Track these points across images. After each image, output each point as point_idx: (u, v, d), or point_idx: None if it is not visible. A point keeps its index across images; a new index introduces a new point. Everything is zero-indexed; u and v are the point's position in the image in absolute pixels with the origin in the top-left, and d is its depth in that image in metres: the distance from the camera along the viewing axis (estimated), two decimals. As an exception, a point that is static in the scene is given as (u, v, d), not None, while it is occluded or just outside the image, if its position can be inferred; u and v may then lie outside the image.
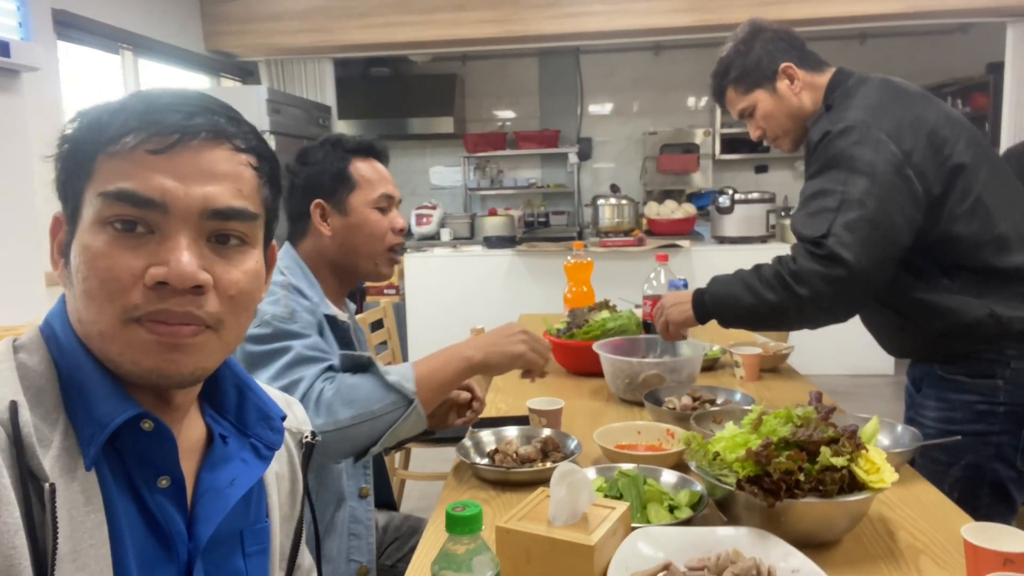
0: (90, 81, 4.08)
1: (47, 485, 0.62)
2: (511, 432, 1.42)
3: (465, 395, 1.42)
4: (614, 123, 6.91)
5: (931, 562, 1.00)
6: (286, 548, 0.87)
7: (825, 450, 1.01)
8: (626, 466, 1.20)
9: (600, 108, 6.91)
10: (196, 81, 5.25)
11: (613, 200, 4.59)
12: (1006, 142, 5.39)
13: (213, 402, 0.81)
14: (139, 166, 0.67)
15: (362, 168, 1.45)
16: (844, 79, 1.61)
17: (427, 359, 1.30)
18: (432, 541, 1.10)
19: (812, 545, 1.01)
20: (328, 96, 5.65)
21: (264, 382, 1.11)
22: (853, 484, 1.02)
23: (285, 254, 1.44)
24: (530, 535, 0.94)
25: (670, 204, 5.32)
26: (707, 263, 4.52)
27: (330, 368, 1.25)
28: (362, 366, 1.26)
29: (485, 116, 6.95)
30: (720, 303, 1.60)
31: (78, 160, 0.69)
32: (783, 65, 1.65)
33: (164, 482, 0.71)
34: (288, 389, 1.17)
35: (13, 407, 0.63)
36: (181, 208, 0.67)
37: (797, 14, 4.94)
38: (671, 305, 1.69)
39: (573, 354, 1.91)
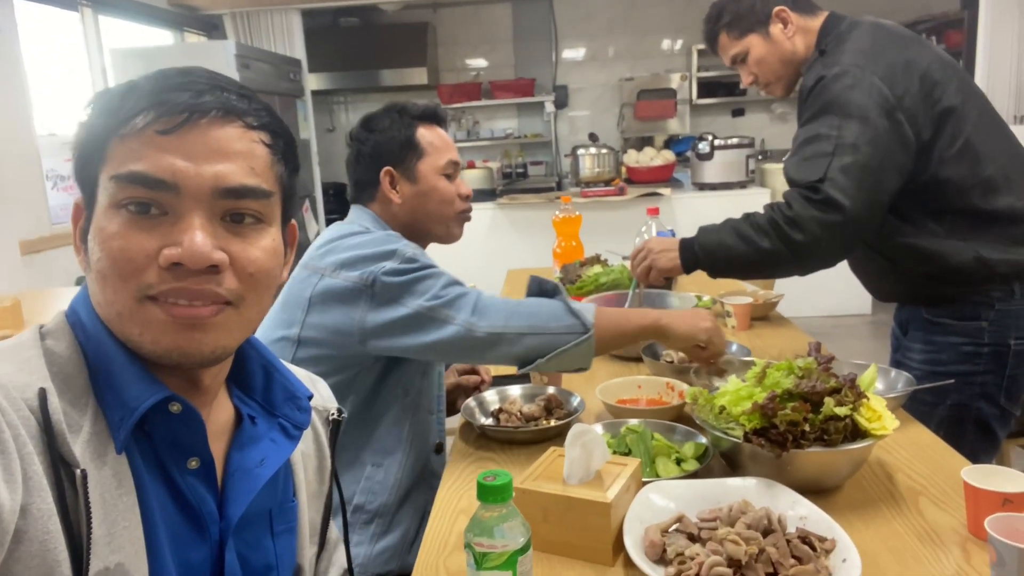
0: (50, 40, 3.93)
1: (78, 471, 0.62)
2: (514, 391, 1.43)
3: (475, 379, 1.44)
4: (590, 69, 6.82)
5: (930, 503, 1.04)
6: (316, 523, 0.88)
7: (828, 400, 1.04)
8: (632, 421, 1.23)
9: (575, 54, 6.80)
10: (159, 37, 5.08)
11: (593, 149, 4.56)
12: (980, 79, 5.42)
13: (240, 383, 0.82)
14: (150, 147, 0.66)
15: (428, 135, 1.46)
16: (837, 23, 1.60)
17: (610, 308, 1.34)
18: (445, 502, 1.12)
19: (816, 491, 1.05)
20: (297, 49, 5.50)
21: (423, 302, 1.24)
22: (856, 432, 1.05)
23: (363, 213, 1.46)
24: (547, 495, 0.96)
25: (649, 151, 5.31)
26: (690, 210, 4.54)
27: None
28: (548, 292, 1.32)
29: (459, 66, 6.82)
30: (711, 252, 1.58)
31: (92, 145, 0.69)
32: (776, 8, 1.63)
33: (194, 463, 0.71)
34: (453, 303, 1.25)
35: (42, 394, 0.63)
36: (193, 188, 0.67)
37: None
38: (658, 251, 1.65)
39: (567, 310, 1.92)
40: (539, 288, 1.33)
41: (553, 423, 1.32)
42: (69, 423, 0.64)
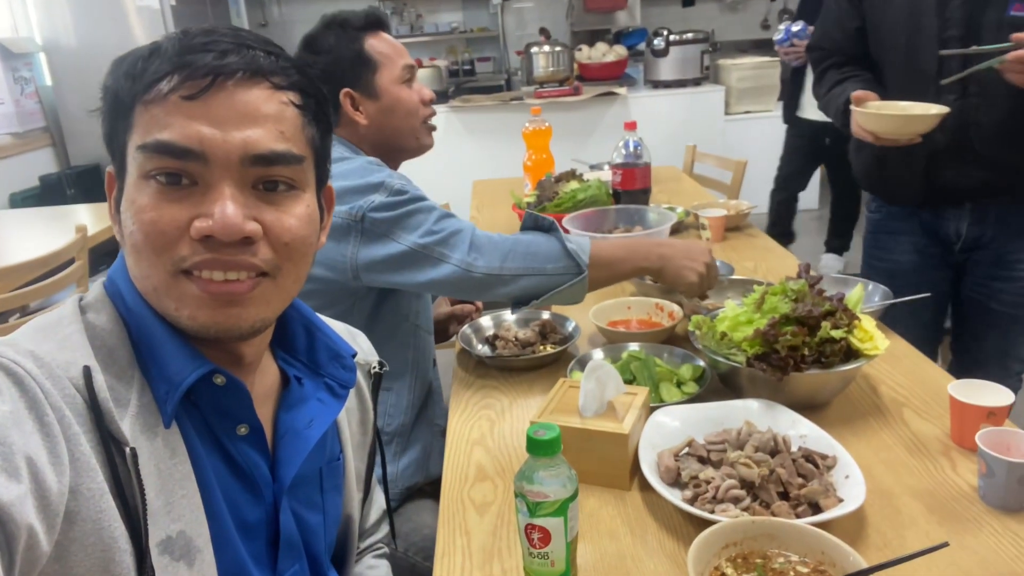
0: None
1: (128, 449, 0.61)
2: (509, 317, 1.45)
3: (468, 307, 1.43)
4: (536, -43, 6.51)
5: (914, 414, 1.12)
6: (361, 472, 0.91)
7: (825, 324, 1.08)
8: (632, 346, 1.26)
9: (521, -59, 6.48)
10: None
11: (547, 47, 4.42)
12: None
13: (284, 345, 0.81)
14: (175, 114, 0.63)
15: (377, 45, 1.39)
16: None
17: (614, 244, 1.31)
18: (457, 434, 1.15)
19: (810, 408, 1.11)
20: (223, -62, 5.08)
21: (416, 239, 1.21)
22: (848, 352, 1.10)
23: (339, 143, 1.38)
24: (566, 428, 0.98)
25: (601, 47, 5.18)
26: (645, 110, 4.49)
27: None
28: (544, 228, 1.30)
29: (399, -46, 6.43)
30: None
31: (118, 112, 0.66)
32: None
33: (243, 430, 0.71)
34: (448, 240, 1.23)
35: (87, 372, 0.62)
36: (221, 156, 0.64)
37: None
38: None
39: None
40: (535, 223, 1.32)
41: (549, 348, 1.35)
42: (116, 398, 0.63)
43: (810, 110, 3.43)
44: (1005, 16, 1.42)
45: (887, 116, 1.46)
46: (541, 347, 1.36)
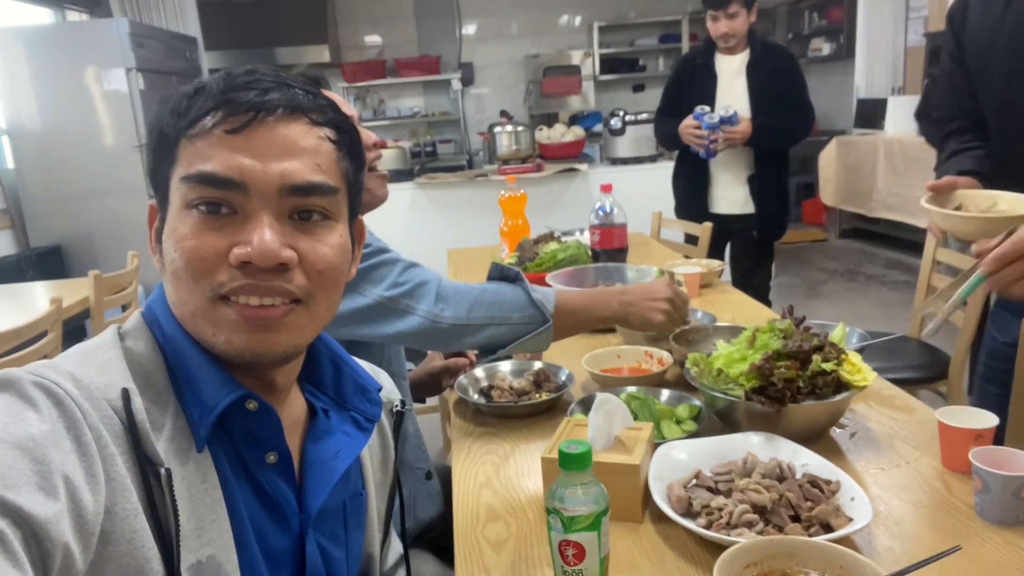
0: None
1: (163, 470, 0.62)
2: (503, 367, 1.47)
3: (463, 360, 1.44)
4: (494, 47, 6.83)
5: (904, 443, 1.16)
6: (382, 510, 0.91)
7: (816, 357, 1.13)
8: (630, 389, 1.29)
9: (480, 31, 6.79)
10: (37, 15, 4.71)
11: (509, 127, 4.59)
12: (860, 53, 5.82)
13: (311, 378, 0.82)
14: (218, 147, 0.66)
15: None
16: None
17: (578, 294, 1.33)
18: (464, 478, 1.15)
19: (805, 440, 1.14)
20: (191, 26, 5.24)
21: (382, 291, 1.21)
22: (839, 384, 1.15)
23: None
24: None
25: (559, 128, 5.39)
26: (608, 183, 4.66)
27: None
28: (509, 278, 1.31)
29: (361, 43, 6.68)
30: None
31: (163, 147, 0.69)
32: None
33: (272, 458, 0.72)
34: (414, 292, 1.24)
35: (125, 394, 0.63)
36: (260, 186, 0.67)
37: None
38: None
39: (529, 287, 1.97)
40: (500, 274, 1.34)
41: (545, 396, 1.37)
42: (152, 421, 0.64)
43: (723, 204, 3.09)
44: None
45: (957, 217, 1.20)
46: (537, 395, 1.37)
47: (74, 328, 2.43)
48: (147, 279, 3.00)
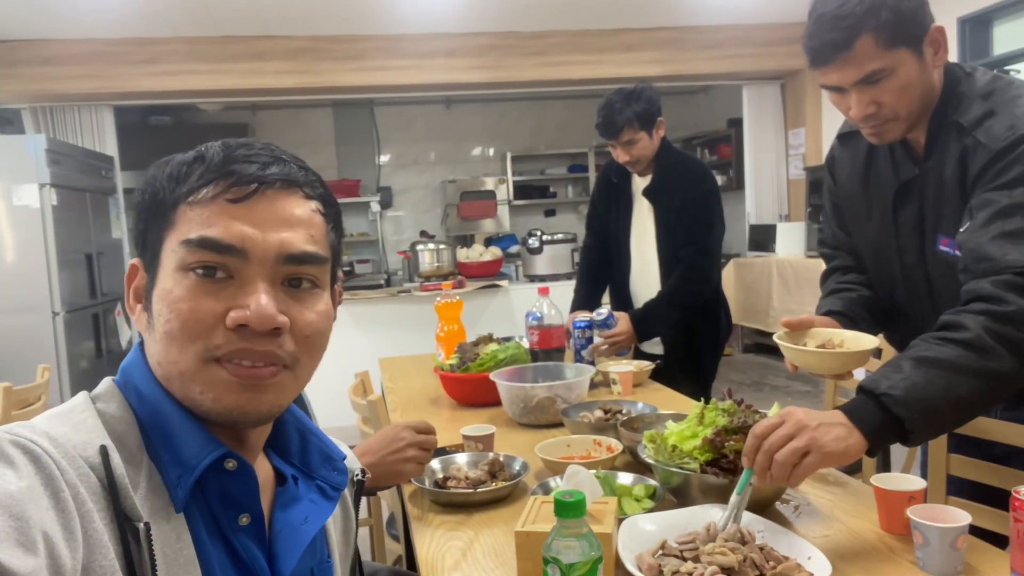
0: None
1: (142, 524, 0.63)
2: (459, 459, 1.48)
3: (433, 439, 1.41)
4: (412, 172, 7.11)
5: (844, 512, 1.24)
6: None
7: (760, 431, 1.22)
8: (588, 472, 1.33)
9: (398, 158, 7.07)
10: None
11: (432, 245, 4.74)
12: (749, 185, 6.38)
13: (277, 447, 0.83)
14: (220, 215, 0.70)
15: None
16: (958, 69, 1.32)
17: None
18: (432, 564, 1.14)
19: (755, 512, 1.20)
20: (109, 146, 5.24)
21: None
22: (782, 457, 1.23)
23: None
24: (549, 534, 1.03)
25: (478, 247, 5.58)
26: (527, 299, 4.81)
27: None
28: None
29: (280, 166, 6.81)
30: (928, 407, 1.10)
31: (158, 211, 0.72)
32: (936, 26, 1.25)
33: (245, 519, 0.73)
34: None
35: (104, 451, 0.64)
36: (259, 253, 0.70)
37: (578, 74, 5.49)
38: (815, 427, 1.08)
39: (472, 386, 2.01)
40: None
41: (499, 484, 1.39)
42: (128, 479, 0.65)
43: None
44: (936, 250, 1.34)
45: (798, 351, 1.32)
46: (493, 484, 1.39)
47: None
48: (53, 400, 2.86)
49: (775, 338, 1.39)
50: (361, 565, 0.95)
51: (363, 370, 2.20)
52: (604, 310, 2.35)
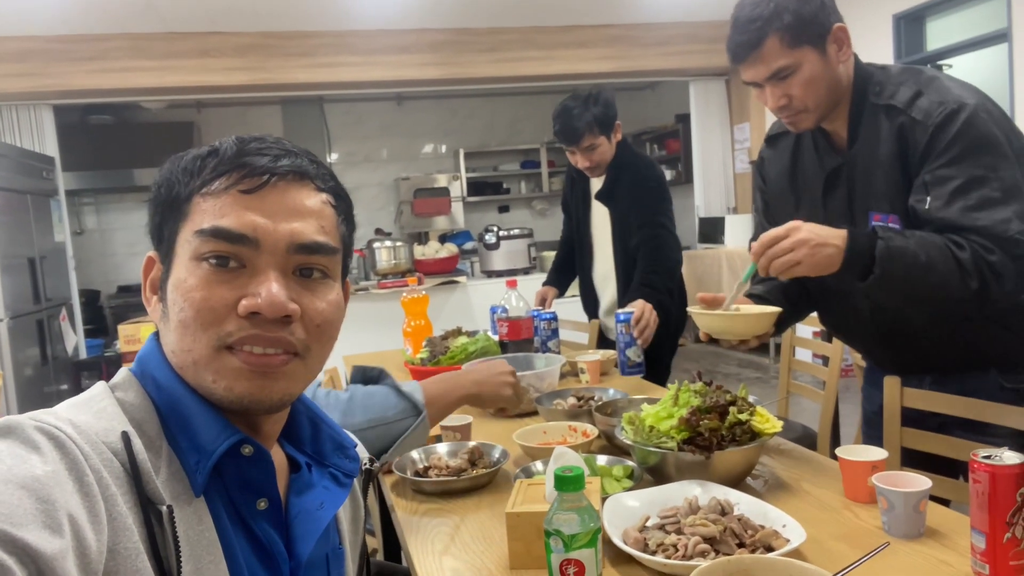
0: None
1: (164, 507, 0.65)
2: (440, 449, 1.51)
3: None
4: (364, 170, 7.05)
5: (810, 484, 1.31)
6: (353, 572, 0.91)
7: (732, 409, 1.28)
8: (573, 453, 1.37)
9: (349, 156, 7.01)
10: None
11: (388, 243, 4.73)
12: (698, 178, 6.52)
13: (290, 436, 0.85)
14: (233, 206, 0.72)
15: None
16: (871, 66, 1.47)
17: (433, 382, 1.37)
18: (423, 549, 1.16)
19: (729, 485, 1.26)
20: (49, 146, 5.08)
21: None
22: (753, 433, 1.29)
23: None
24: (538, 514, 1.06)
25: (434, 244, 5.59)
26: (486, 294, 4.84)
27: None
28: (374, 378, 1.31)
29: (228, 165, 6.69)
30: (897, 258, 1.30)
31: (172, 202, 0.73)
32: (837, 26, 1.39)
33: (263, 504, 0.74)
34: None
35: (125, 437, 0.66)
36: (270, 243, 0.72)
37: (530, 71, 5.54)
38: (816, 243, 1.30)
39: (443, 378, 2.03)
40: (363, 376, 1.37)
41: (480, 471, 1.42)
42: (150, 464, 0.66)
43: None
44: (870, 227, 1.44)
45: (706, 315, 1.49)
46: (473, 471, 1.42)
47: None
48: None
49: (689, 310, 1.54)
50: (368, 554, 0.96)
51: (331, 367, 2.20)
52: (623, 313, 2.16)
